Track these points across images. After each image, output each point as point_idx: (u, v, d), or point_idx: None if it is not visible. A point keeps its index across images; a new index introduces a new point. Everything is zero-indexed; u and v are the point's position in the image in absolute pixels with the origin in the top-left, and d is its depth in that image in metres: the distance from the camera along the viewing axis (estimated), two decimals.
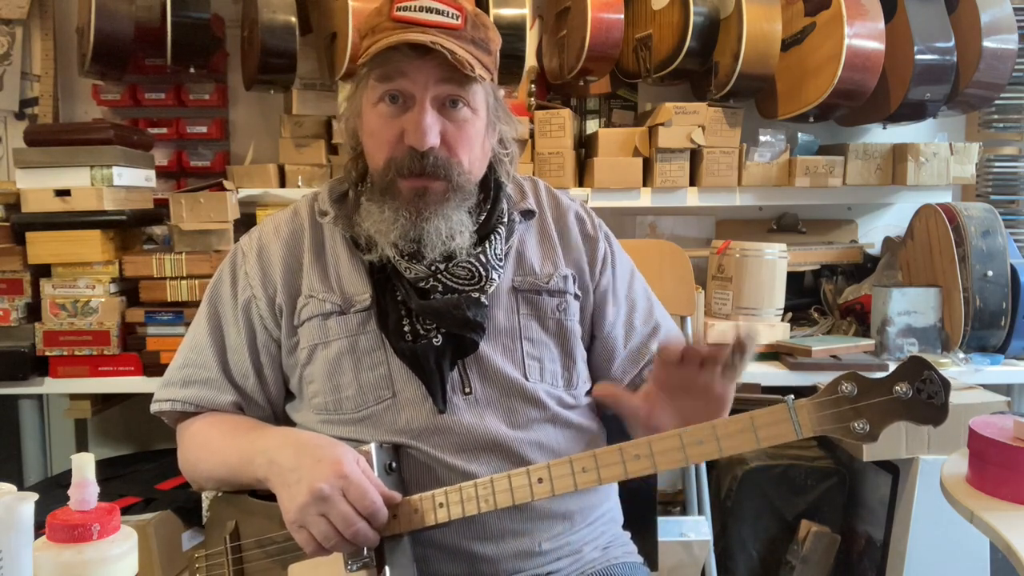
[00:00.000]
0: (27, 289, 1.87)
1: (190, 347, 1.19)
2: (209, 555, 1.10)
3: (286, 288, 1.14)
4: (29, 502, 0.72)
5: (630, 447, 0.92)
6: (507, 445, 1.08)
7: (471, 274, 1.09)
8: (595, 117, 2.41)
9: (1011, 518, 1.10)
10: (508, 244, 1.15)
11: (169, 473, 1.92)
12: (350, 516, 0.92)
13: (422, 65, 1.04)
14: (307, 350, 1.12)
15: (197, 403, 1.16)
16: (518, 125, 1.20)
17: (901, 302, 2.04)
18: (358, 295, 1.11)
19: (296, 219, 1.20)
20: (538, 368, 1.13)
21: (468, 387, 1.09)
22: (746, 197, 2.22)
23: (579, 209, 1.24)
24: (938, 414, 0.84)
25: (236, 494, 1.09)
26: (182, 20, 1.99)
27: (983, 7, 2.05)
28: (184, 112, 2.34)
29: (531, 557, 1.09)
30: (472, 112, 1.08)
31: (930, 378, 0.84)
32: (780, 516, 2.08)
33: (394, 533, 0.98)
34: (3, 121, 2.38)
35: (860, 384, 0.87)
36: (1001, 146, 2.42)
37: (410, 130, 1.05)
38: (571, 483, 0.93)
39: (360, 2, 1.95)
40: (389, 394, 1.08)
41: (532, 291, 1.14)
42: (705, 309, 2.10)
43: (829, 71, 1.97)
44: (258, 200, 2.16)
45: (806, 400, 0.88)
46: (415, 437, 1.07)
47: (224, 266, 1.21)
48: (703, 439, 0.90)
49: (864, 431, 0.86)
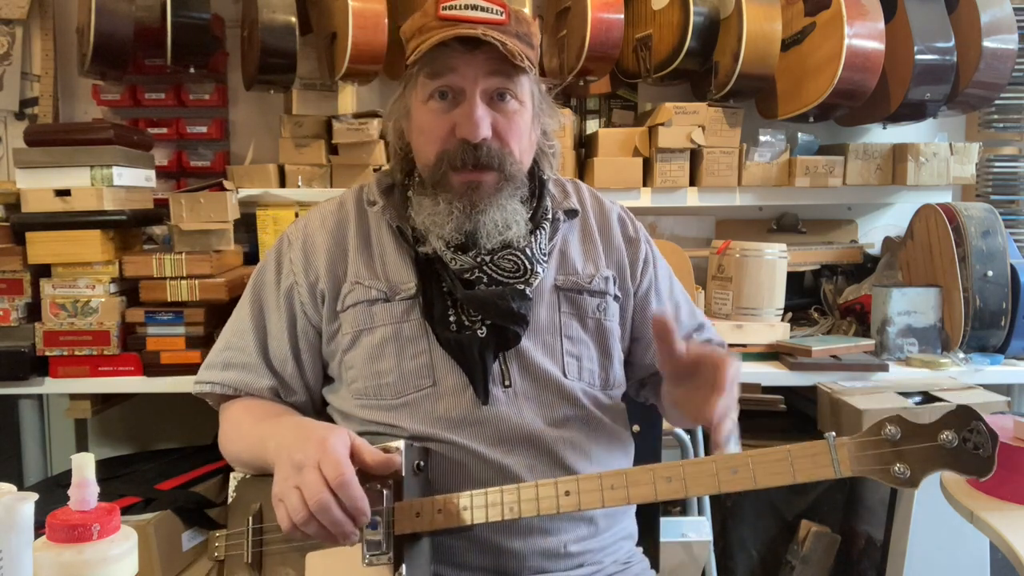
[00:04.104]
0: (27, 289, 1.87)
1: (232, 331, 1.21)
2: (229, 535, 1.10)
3: (329, 276, 1.16)
4: (29, 502, 0.72)
5: (663, 469, 0.91)
6: (542, 440, 1.09)
7: (516, 266, 1.10)
8: (595, 117, 2.41)
9: (1011, 518, 1.10)
10: (552, 242, 1.17)
11: (169, 473, 1.92)
12: (316, 485, 0.89)
13: (471, 60, 1.07)
14: (351, 335, 1.13)
15: (235, 386, 1.18)
16: (561, 118, 1.24)
17: (901, 302, 2.04)
18: (403, 283, 1.13)
19: (342, 210, 1.22)
20: (576, 366, 1.14)
21: (508, 380, 1.10)
22: (746, 197, 2.22)
23: (621, 212, 1.27)
24: (984, 466, 0.82)
25: (263, 477, 1.09)
26: (182, 20, 1.99)
27: (983, 7, 2.05)
28: (184, 112, 2.34)
29: (557, 558, 1.10)
30: (520, 104, 1.11)
31: (978, 428, 0.82)
32: (780, 516, 2.08)
33: (415, 531, 0.98)
34: (3, 121, 2.38)
35: (904, 428, 0.85)
36: (1001, 146, 2.41)
37: (462, 123, 1.07)
38: (599, 499, 0.92)
39: (360, 2, 1.95)
40: (430, 382, 1.10)
41: (574, 290, 1.16)
42: (705, 309, 2.10)
43: (829, 71, 1.97)
44: (258, 200, 2.16)
45: (848, 439, 0.86)
46: (452, 427, 1.08)
47: (270, 254, 1.24)
48: (738, 467, 0.88)
49: (904, 476, 0.84)
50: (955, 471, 0.83)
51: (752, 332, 2.05)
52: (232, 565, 1.08)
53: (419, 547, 0.98)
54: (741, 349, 2.06)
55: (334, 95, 2.25)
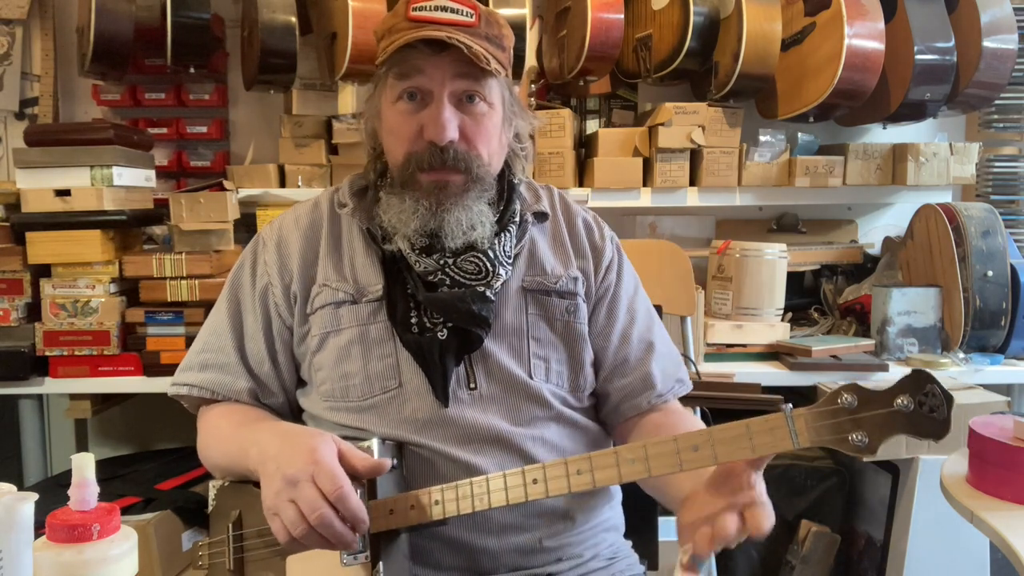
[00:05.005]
0: (27, 289, 1.87)
1: (210, 331, 1.20)
2: (212, 543, 1.10)
3: (302, 277, 1.16)
4: (29, 502, 0.72)
5: (625, 451, 0.91)
6: (510, 440, 1.08)
7: (478, 269, 1.10)
8: (595, 117, 2.41)
9: (1011, 518, 1.10)
10: (520, 245, 1.16)
11: (169, 473, 1.92)
12: (315, 500, 0.89)
13: (439, 62, 1.06)
14: (318, 337, 1.13)
15: (213, 388, 1.17)
16: (533, 120, 1.23)
17: (901, 302, 2.04)
18: (371, 285, 1.13)
19: (316, 211, 1.22)
20: (544, 368, 1.13)
21: (473, 382, 1.10)
22: (746, 197, 2.22)
23: (588, 217, 1.26)
24: (939, 428, 0.82)
25: (242, 484, 1.09)
26: (182, 20, 1.99)
27: (983, 7, 2.05)
28: (184, 112, 2.34)
29: (532, 554, 1.10)
30: (489, 106, 1.11)
31: (932, 392, 0.82)
32: (780, 516, 2.06)
33: (390, 529, 0.98)
34: (3, 121, 2.38)
35: (860, 395, 0.84)
36: (1001, 146, 2.42)
37: (429, 125, 1.07)
38: (565, 485, 0.93)
39: (360, 2, 1.95)
40: (396, 384, 1.09)
41: (541, 291, 1.15)
42: (705, 309, 2.10)
43: (829, 71, 1.97)
44: (258, 200, 2.16)
45: (804, 409, 0.86)
46: (419, 428, 1.07)
47: (245, 254, 1.23)
48: (699, 444, 0.88)
49: (863, 443, 0.84)
50: (912, 435, 0.83)
51: (752, 332, 2.05)
52: (215, 573, 1.09)
53: (396, 544, 0.99)
54: (741, 349, 2.06)
55: (334, 95, 2.25)
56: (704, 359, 2.03)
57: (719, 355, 2.05)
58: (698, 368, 1.93)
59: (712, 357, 2.04)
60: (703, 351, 2.03)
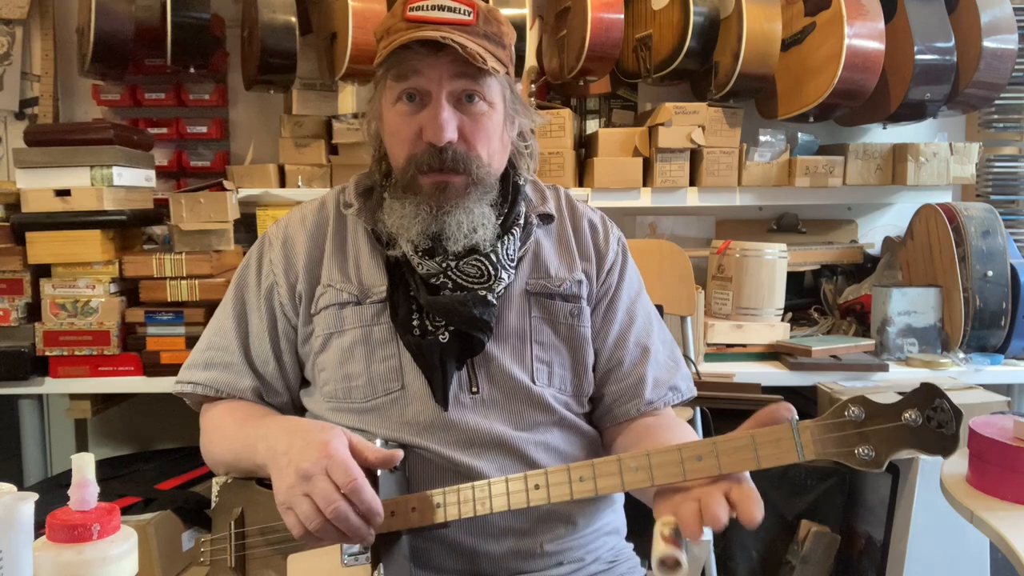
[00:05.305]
0: (27, 289, 1.87)
1: (214, 330, 1.20)
2: (214, 540, 1.10)
3: (307, 277, 1.16)
4: (29, 502, 0.72)
5: (629, 459, 0.90)
6: (512, 444, 1.08)
7: (480, 272, 1.09)
8: (595, 117, 2.42)
9: (1011, 518, 1.10)
10: (524, 247, 1.15)
11: (169, 473, 1.92)
12: (330, 494, 0.89)
13: (436, 62, 1.05)
14: (322, 338, 1.13)
15: (217, 387, 1.17)
16: (536, 117, 1.21)
17: (901, 302, 2.04)
18: (375, 287, 1.13)
19: (323, 210, 1.21)
20: (546, 372, 1.13)
21: (475, 386, 1.09)
22: (746, 197, 2.22)
23: (594, 218, 1.25)
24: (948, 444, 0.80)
25: (245, 480, 1.09)
26: (182, 20, 1.99)
27: (983, 7, 2.05)
28: (184, 112, 2.34)
29: (533, 558, 1.09)
30: (488, 106, 1.09)
31: (941, 407, 0.80)
32: (780, 516, 2.08)
33: (391, 531, 0.98)
34: (3, 121, 2.38)
35: (867, 408, 0.83)
36: (1001, 146, 2.42)
37: (427, 126, 1.06)
38: (568, 491, 0.92)
39: (360, 2, 1.95)
40: (398, 386, 1.09)
41: (544, 295, 1.15)
42: (705, 309, 2.10)
43: (829, 71, 1.97)
44: (258, 200, 2.16)
45: (810, 422, 0.85)
46: (421, 431, 1.07)
47: (251, 253, 1.23)
48: (703, 455, 0.87)
49: (869, 457, 0.82)
50: (919, 451, 0.82)
51: (752, 332, 2.05)
52: (217, 570, 1.09)
53: (397, 546, 0.98)
54: (741, 349, 2.06)
55: (334, 95, 2.25)
56: (704, 359, 2.03)
57: (719, 355, 2.05)
58: (698, 368, 1.93)
59: (712, 357, 2.04)
60: (703, 351, 2.03)
